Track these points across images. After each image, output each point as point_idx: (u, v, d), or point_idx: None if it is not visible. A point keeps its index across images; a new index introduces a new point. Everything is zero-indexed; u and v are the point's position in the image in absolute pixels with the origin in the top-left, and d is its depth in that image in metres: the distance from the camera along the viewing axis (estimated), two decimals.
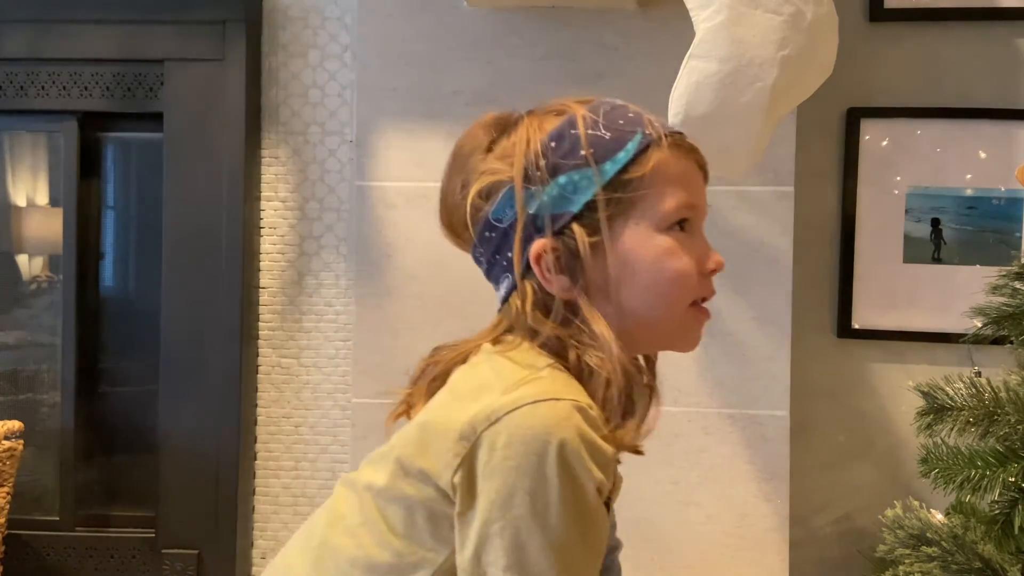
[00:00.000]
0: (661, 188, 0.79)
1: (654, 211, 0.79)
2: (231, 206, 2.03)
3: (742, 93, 1.40)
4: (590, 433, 0.71)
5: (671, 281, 0.79)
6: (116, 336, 2.22)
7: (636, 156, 0.79)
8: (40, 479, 2.18)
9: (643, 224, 0.79)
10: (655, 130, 0.80)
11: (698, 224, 0.83)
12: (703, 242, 0.82)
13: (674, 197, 0.79)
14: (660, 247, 0.79)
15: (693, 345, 0.83)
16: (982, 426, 1.24)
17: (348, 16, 2.03)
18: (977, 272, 1.83)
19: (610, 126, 0.80)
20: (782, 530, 1.71)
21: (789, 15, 1.39)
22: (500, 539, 0.70)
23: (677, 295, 0.80)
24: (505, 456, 0.70)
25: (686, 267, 0.79)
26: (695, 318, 0.82)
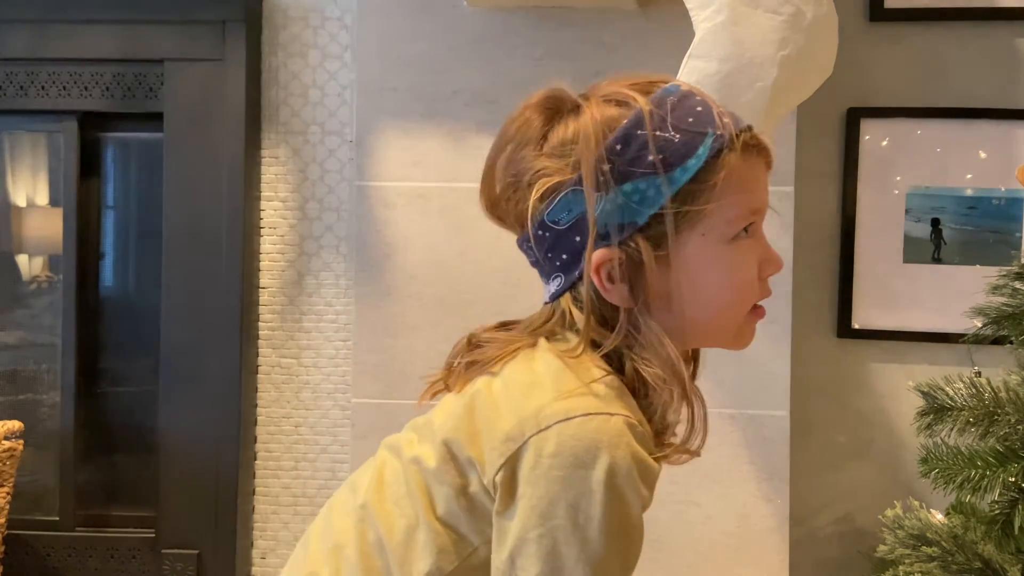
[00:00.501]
0: (732, 196, 0.74)
1: (723, 221, 0.75)
2: (231, 206, 2.03)
3: (742, 93, 1.40)
4: (640, 452, 0.71)
5: (735, 293, 0.77)
6: (116, 336, 2.22)
7: (709, 161, 0.74)
8: (40, 479, 2.18)
9: (711, 235, 0.75)
10: (727, 129, 0.75)
11: (759, 227, 0.79)
12: (764, 243, 0.79)
13: (744, 205, 0.75)
14: (727, 260, 0.76)
15: (748, 343, 0.83)
16: (982, 426, 1.24)
17: (348, 16, 2.03)
18: (977, 272, 1.83)
19: (679, 125, 0.74)
20: (782, 530, 1.71)
21: (789, 15, 1.39)
22: (537, 546, 0.70)
23: (740, 305, 0.78)
24: (551, 465, 0.69)
25: (750, 278, 0.78)
26: (752, 323, 0.81)
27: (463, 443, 0.76)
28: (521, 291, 1.72)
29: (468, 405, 0.78)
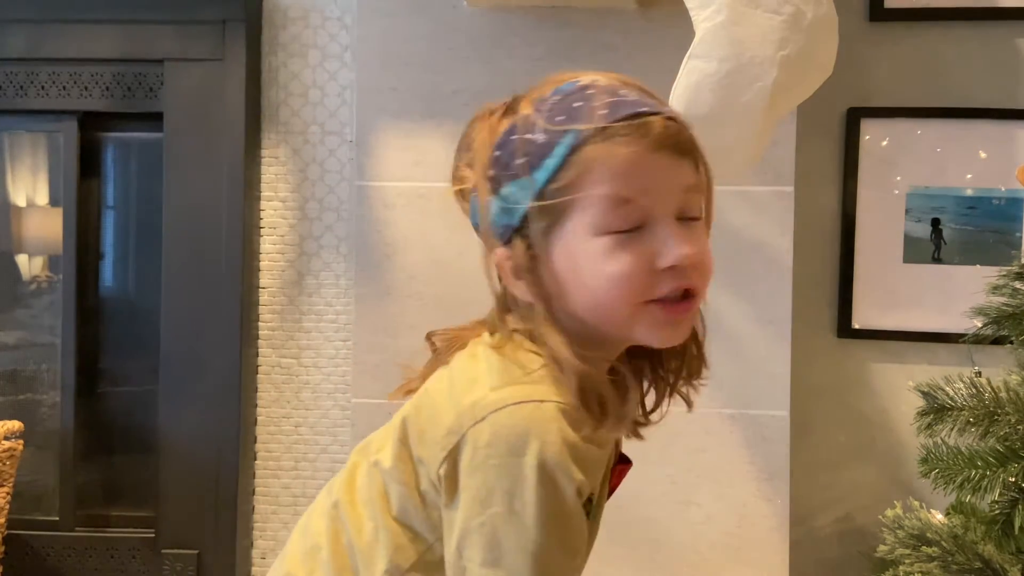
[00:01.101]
0: (597, 187, 0.73)
1: (588, 214, 0.74)
2: (231, 206, 2.03)
3: (742, 93, 1.40)
4: (572, 436, 0.71)
5: (609, 285, 0.74)
6: (116, 336, 2.22)
7: (567, 158, 0.74)
8: (40, 479, 2.18)
9: (581, 229, 0.74)
10: (596, 121, 0.74)
11: (657, 216, 0.74)
12: (664, 238, 0.74)
13: (606, 195, 0.73)
14: (595, 251, 0.74)
15: (667, 340, 0.78)
16: (982, 426, 1.24)
17: (348, 16, 2.03)
18: (977, 272, 1.83)
19: (547, 126, 0.75)
20: (782, 530, 1.71)
21: (789, 15, 1.39)
22: (479, 535, 0.71)
23: (617, 297, 0.74)
24: (487, 455, 0.71)
25: (623, 268, 0.73)
26: (655, 316, 0.75)
27: (413, 443, 0.78)
28: None
29: (416, 404, 0.81)
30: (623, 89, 0.78)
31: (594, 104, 0.75)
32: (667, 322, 0.76)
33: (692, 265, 0.74)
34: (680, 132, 0.76)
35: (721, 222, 1.71)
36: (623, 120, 0.74)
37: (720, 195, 1.78)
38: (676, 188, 0.75)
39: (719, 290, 1.72)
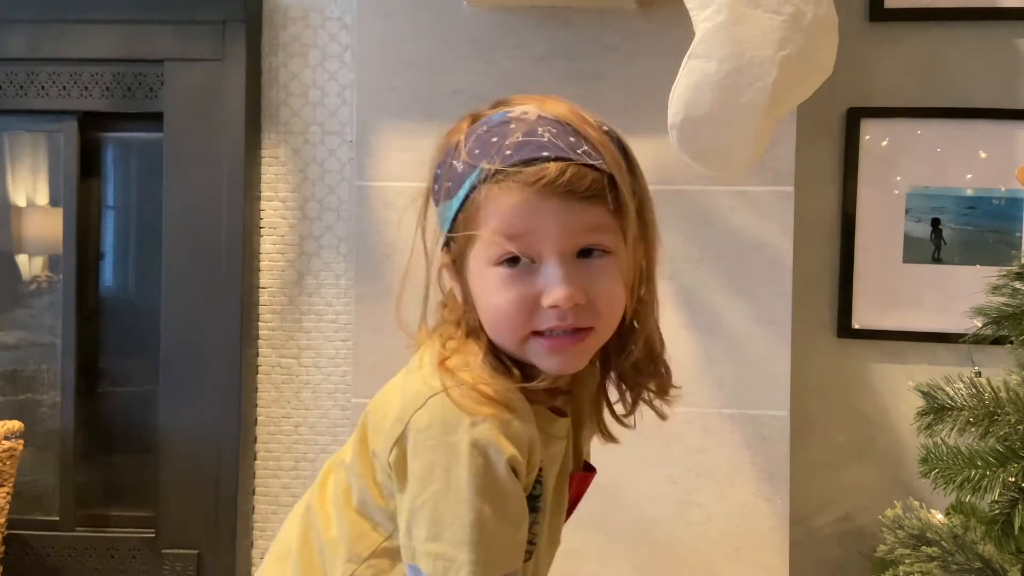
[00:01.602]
0: (489, 226, 0.77)
1: (484, 247, 0.79)
2: (231, 206, 2.03)
3: (742, 93, 1.40)
4: (502, 414, 0.76)
5: (494, 316, 0.79)
6: (116, 336, 2.22)
7: (468, 195, 0.79)
8: (40, 479, 2.18)
9: (480, 258, 0.79)
10: (493, 164, 0.77)
11: (544, 254, 0.77)
12: (548, 278, 0.77)
13: (492, 232, 0.77)
14: (487, 283, 0.79)
15: (559, 369, 0.80)
16: (982, 426, 1.24)
17: (348, 16, 2.03)
18: (977, 272, 1.83)
19: (466, 157, 0.79)
20: (782, 530, 1.71)
21: (789, 15, 1.39)
22: (422, 512, 0.76)
23: (503, 328, 0.79)
24: (426, 436, 0.76)
25: (506, 303, 0.78)
26: (538, 348, 0.79)
27: (370, 436, 0.84)
28: None
29: (374, 402, 0.86)
30: (543, 127, 0.79)
31: (505, 143, 0.78)
32: (551, 353, 0.79)
33: (575, 306, 0.77)
34: (579, 178, 0.76)
35: (721, 222, 1.72)
36: (518, 165, 0.77)
37: (720, 195, 1.79)
38: (570, 230, 0.77)
39: (719, 290, 1.72)
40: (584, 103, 1.77)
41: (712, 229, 1.72)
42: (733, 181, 1.70)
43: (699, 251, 1.72)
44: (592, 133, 0.80)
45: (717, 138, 1.45)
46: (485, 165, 0.77)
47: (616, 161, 0.80)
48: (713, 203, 1.72)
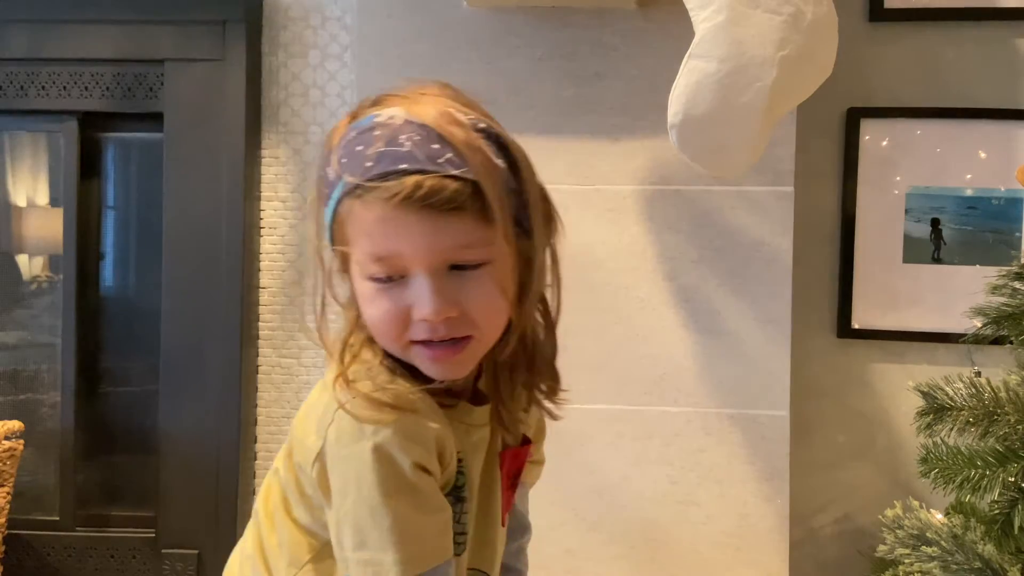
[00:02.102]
0: (353, 239, 0.77)
1: (357, 261, 0.78)
2: (231, 206, 2.03)
3: (741, 93, 1.40)
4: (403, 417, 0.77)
5: (373, 325, 0.79)
6: (116, 336, 2.22)
7: (336, 208, 0.77)
8: (40, 479, 2.18)
9: (357, 269, 0.79)
10: (361, 172, 0.75)
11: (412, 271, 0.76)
12: (417, 290, 0.76)
13: (360, 249, 0.76)
14: (364, 294, 0.78)
15: (443, 376, 0.79)
16: (982, 426, 1.24)
17: (348, 16, 2.03)
18: (977, 272, 1.83)
19: (335, 166, 0.77)
20: (782, 530, 1.71)
21: (789, 15, 1.39)
22: (346, 524, 0.77)
23: (383, 338, 0.79)
24: (338, 448, 0.77)
25: (380, 315, 0.77)
26: (421, 355, 0.78)
27: (295, 449, 0.84)
28: None
29: (299, 413, 0.86)
30: (405, 135, 0.75)
31: (367, 154, 0.75)
32: (434, 361, 0.78)
33: (447, 319, 0.76)
34: (437, 191, 0.73)
35: (721, 222, 1.71)
36: (376, 179, 0.74)
37: (720, 195, 1.79)
38: (435, 247, 0.75)
39: (719, 290, 1.72)
40: (584, 103, 1.78)
41: (712, 229, 1.72)
42: (733, 181, 1.70)
43: (699, 251, 1.72)
44: (459, 136, 0.75)
45: (717, 138, 1.45)
46: (348, 178, 0.75)
47: (486, 165, 0.75)
48: (713, 203, 1.72)
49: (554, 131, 1.73)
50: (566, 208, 1.75)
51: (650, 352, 1.72)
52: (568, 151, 1.74)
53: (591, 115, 1.73)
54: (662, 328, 1.72)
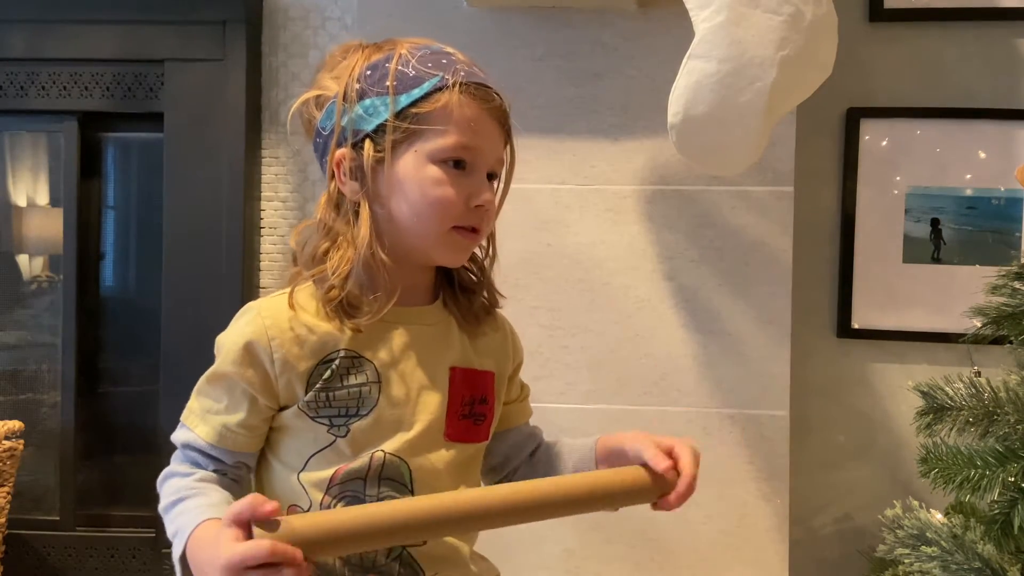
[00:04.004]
0: (444, 126, 0.90)
1: (432, 144, 0.90)
2: (231, 206, 2.03)
3: (741, 93, 1.40)
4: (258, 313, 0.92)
5: (430, 204, 0.90)
6: (116, 336, 2.22)
7: (429, 94, 0.90)
8: (40, 479, 2.18)
9: (422, 152, 0.90)
10: (458, 77, 0.91)
11: (479, 167, 0.92)
12: (479, 184, 0.92)
13: (452, 136, 0.90)
14: (428, 175, 0.90)
15: (454, 263, 0.95)
16: (982, 426, 1.24)
17: (348, 16, 2.03)
18: (977, 272, 1.83)
19: (419, 66, 0.91)
20: (782, 530, 1.71)
21: (788, 15, 1.39)
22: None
23: (434, 217, 0.90)
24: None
25: (446, 196, 0.90)
26: (455, 240, 0.92)
27: None
28: (520, 291, 1.72)
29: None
30: (475, 68, 0.94)
31: (456, 65, 0.92)
32: (462, 247, 0.93)
33: (488, 210, 0.93)
34: (505, 112, 0.95)
35: (721, 222, 1.72)
36: (480, 84, 0.92)
37: (720, 195, 1.79)
38: (494, 151, 0.94)
39: (719, 290, 1.72)
40: (584, 103, 1.79)
41: (712, 229, 1.72)
42: (733, 181, 1.70)
43: (699, 251, 1.72)
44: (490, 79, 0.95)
45: (716, 138, 1.45)
46: (449, 78, 0.91)
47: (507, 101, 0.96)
48: (713, 203, 1.72)
49: (554, 131, 1.73)
50: (566, 208, 1.76)
51: (650, 352, 1.72)
52: (568, 151, 1.74)
53: (591, 115, 1.73)
54: (662, 328, 1.72)
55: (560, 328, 1.74)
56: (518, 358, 1.07)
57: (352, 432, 0.90)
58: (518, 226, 1.71)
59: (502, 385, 1.03)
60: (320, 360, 0.90)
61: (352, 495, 0.90)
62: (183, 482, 0.92)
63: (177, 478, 0.93)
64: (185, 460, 0.95)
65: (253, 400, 0.91)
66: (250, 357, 0.90)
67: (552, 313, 1.74)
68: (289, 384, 0.90)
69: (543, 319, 1.73)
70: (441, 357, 0.96)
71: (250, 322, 0.92)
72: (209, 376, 0.93)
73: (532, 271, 1.74)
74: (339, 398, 0.90)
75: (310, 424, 0.90)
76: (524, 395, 1.09)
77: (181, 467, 0.95)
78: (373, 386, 0.91)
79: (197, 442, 0.93)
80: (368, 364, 0.91)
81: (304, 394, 0.90)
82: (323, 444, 0.90)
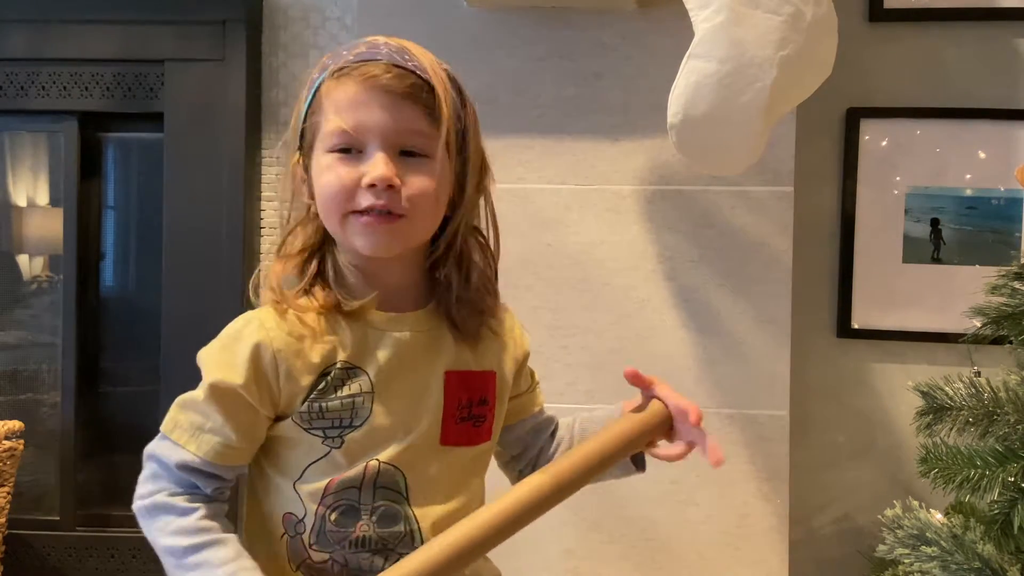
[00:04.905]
0: (324, 116, 0.89)
1: (322, 136, 0.90)
2: (231, 206, 2.03)
3: (741, 93, 1.40)
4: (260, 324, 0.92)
5: (323, 195, 0.89)
6: (116, 336, 2.22)
7: (315, 92, 0.91)
8: (40, 479, 2.18)
9: (320, 148, 0.90)
10: (336, 65, 0.90)
11: (369, 145, 0.88)
12: (371, 160, 0.87)
13: (330, 123, 0.88)
14: (321, 166, 0.89)
15: (369, 250, 0.90)
16: (981, 426, 1.24)
17: (348, 16, 2.03)
18: (977, 272, 1.83)
19: (323, 65, 0.92)
20: (782, 530, 1.71)
21: (788, 15, 1.39)
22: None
23: (330, 206, 0.89)
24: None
25: (336, 180, 0.88)
26: (356, 226, 0.89)
27: None
28: (521, 291, 1.72)
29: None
30: (384, 45, 0.91)
31: (351, 53, 0.91)
32: (365, 232, 0.88)
33: (389, 188, 0.87)
34: (401, 78, 0.88)
35: (721, 222, 1.72)
36: (354, 63, 0.89)
37: (720, 195, 1.79)
38: (393, 123, 0.88)
39: (719, 290, 1.72)
40: (584, 103, 1.78)
41: (712, 229, 1.72)
42: (733, 181, 1.70)
43: (699, 251, 1.72)
44: (428, 57, 0.92)
45: (716, 138, 1.45)
46: (330, 64, 0.90)
47: (442, 80, 0.91)
48: (713, 203, 1.72)
49: (554, 131, 1.73)
50: (566, 208, 1.77)
51: (650, 352, 1.72)
52: (568, 151, 1.74)
53: (591, 115, 1.73)
54: (662, 328, 1.72)
55: (560, 328, 1.74)
56: (523, 349, 1.05)
57: (347, 443, 0.89)
58: (518, 226, 1.71)
59: (505, 382, 1.01)
60: (320, 373, 0.89)
61: (347, 503, 0.90)
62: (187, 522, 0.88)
63: (175, 517, 0.88)
64: (178, 485, 0.89)
65: (252, 411, 0.89)
66: (254, 368, 0.88)
67: (552, 313, 1.74)
68: (290, 396, 0.89)
69: (543, 319, 1.73)
70: (434, 362, 0.95)
71: (255, 332, 0.90)
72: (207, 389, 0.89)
73: (532, 271, 1.74)
74: (332, 409, 0.89)
75: (305, 435, 0.89)
76: (534, 385, 1.09)
77: (175, 499, 0.89)
78: (367, 396, 0.90)
79: (192, 461, 0.88)
80: (362, 374, 0.90)
81: (300, 405, 0.89)
82: (318, 455, 0.89)
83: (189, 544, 0.86)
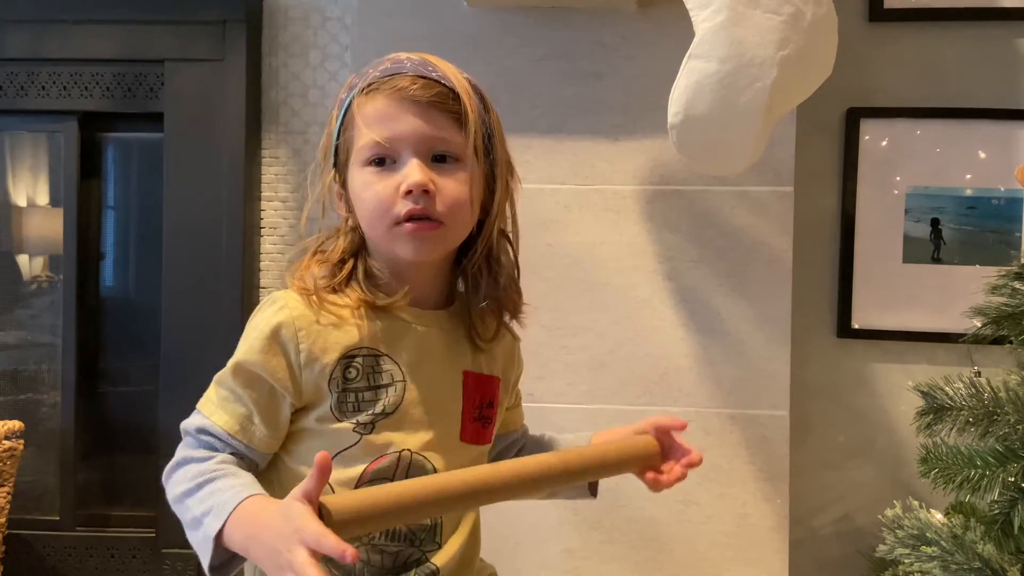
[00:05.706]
0: (357, 131, 0.92)
1: (357, 150, 0.93)
2: (231, 206, 2.03)
3: (741, 93, 1.40)
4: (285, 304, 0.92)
5: (368, 208, 0.92)
6: (116, 336, 2.22)
7: (346, 110, 0.94)
8: (40, 479, 2.18)
9: (356, 160, 0.93)
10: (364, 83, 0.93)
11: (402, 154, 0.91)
12: (407, 169, 0.90)
13: (363, 138, 0.92)
14: (360, 181, 0.93)
15: (413, 256, 0.92)
16: (982, 426, 1.24)
17: (348, 16, 2.03)
18: (977, 272, 1.83)
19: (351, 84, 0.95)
20: (782, 530, 1.71)
21: (789, 15, 1.39)
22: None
23: (374, 219, 0.92)
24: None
25: (375, 195, 0.91)
26: (400, 234, 0.91)
27: None
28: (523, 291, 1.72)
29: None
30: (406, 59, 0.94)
31: (376, 70, 0.94)
32: (409, 239, 0.91)
33: (427, 193, 0.90)
34: (427, 88, 0.91)
35: (721, 222, 1.71)
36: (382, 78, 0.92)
37: (720, 195, 1.79)
38: (424, 130, 0.91)
39: (719, 290, 1.72)
40: (584, 103, 1.78)
41: (712, 229, 1.72)
42: (733, 181, 1.70)
43: (699, 251, 1.72)
44: (449, 67, 0.95)
45: (716, 138, 1.45)
46: (357, 83, 0.94)
47: (466, 89, 0.94)
48: (713, 203, 1.72)
49: (554, 131, 1.73)
50: (566, 208, 1.76)
51: (650, 352, 1.72)
52: (568, 151, 1.74)
53: (591, 115, 1.73)
54: (662, 328, 1.72)
55: (560, 328, 1.74)
56: (520, 367, 1.09)
57: (378, 429, 0.91)
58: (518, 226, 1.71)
59: (506, 391, 1.05)
60: (343, 354, 0.91)
61: None
62: (203, 466, 0.90)
63: (194, 464, 0.91)
64: (199, 445, 0.93)
65: (276, 396, 0.90)
66: (276, 346, 0.90)
67: (552, 313, 1.74)
68: (312, 380, 0.90)
69: (543, 319, 1.73)
70: (456, 361, 0.98)
71: (278, 312, 0.92)
72: (232, 367, 0.93)
73: (532, 271, 1.74)
74: (367, 398, 0.91)
75: (337, 425, 0.91)
76: (518, 400, 1.12)
77: (196, 452, 0.93)
78: (399, 384, 0.92)
79: (214, 428, 0.92)
80: (392, 363, 0.93)
81: (331, 395, 0.90)
82: (349, 443, 0.91)
83: (203, 480, 0.88)
